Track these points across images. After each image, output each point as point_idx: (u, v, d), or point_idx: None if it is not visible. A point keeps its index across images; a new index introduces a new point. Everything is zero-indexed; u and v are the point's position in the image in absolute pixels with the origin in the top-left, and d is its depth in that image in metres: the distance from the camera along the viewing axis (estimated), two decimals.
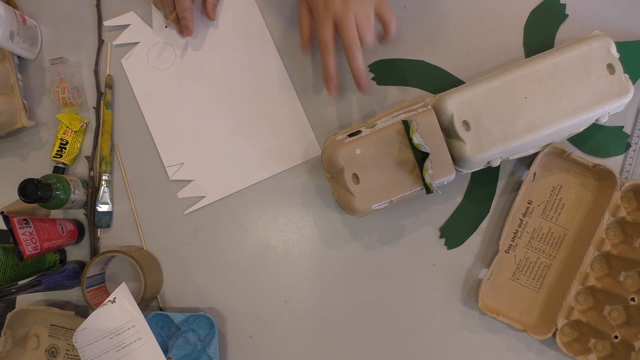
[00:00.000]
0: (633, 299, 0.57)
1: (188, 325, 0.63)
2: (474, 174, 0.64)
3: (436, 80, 0.65)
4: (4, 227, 0.56)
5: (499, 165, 0.60)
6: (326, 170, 0.60)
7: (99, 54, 0.67)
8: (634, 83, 0.58)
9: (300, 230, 0.65)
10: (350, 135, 0.57)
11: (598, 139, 0.63)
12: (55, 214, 0.66)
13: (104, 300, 0.58)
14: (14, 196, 0.57)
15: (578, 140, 0.63)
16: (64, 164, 0.66)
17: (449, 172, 0.56)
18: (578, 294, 0.61)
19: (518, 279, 0.63)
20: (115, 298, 0.58)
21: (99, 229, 0.66)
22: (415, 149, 0.55)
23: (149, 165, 0.66)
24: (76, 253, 0.67)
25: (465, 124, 0.56)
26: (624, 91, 0.56)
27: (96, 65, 0.67)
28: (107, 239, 0.66)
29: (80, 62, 0.68)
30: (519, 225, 0.63)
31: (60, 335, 0.64)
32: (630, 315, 0.60)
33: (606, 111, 0.57)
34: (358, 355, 0.64)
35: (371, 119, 0.60)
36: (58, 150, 0.65)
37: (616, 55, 0.57)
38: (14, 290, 0.55)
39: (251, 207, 0.66)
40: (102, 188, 0.65)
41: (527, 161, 0.63)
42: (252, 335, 0.65)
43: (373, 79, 0.65)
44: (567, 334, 0.62)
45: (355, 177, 0.56)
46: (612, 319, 0.61)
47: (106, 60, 0.67)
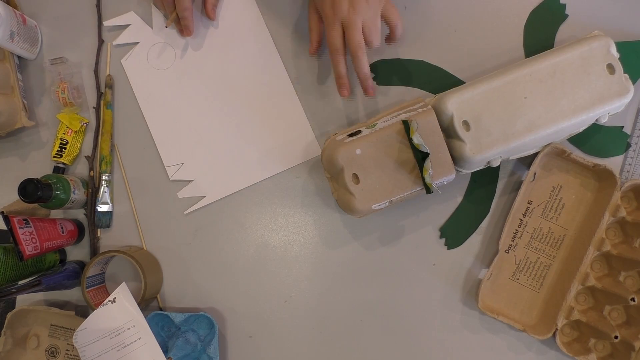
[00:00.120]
0: (633, 299, 0.57)
1: (188, 325, 0.63)
2: (474, 174, 0.64)
3: (436, 80, 0.65)
4: (4, 227, 0.56)
5: (499, 165, 0.60)
6: (326, 170, 0.60)
7: (99, 54, 0.67)
8: (634, 83, 0.58)
9: (300, 230, 0.65)
10: (350, 135, 0.57)
11: (598, 139, 0.63)
12: (55, 214, 0.66)
13: (104, 300, 0.58)
14: (14, 196, 0.57)
15: (578, 140, 0.63)
16: (64, 164, 0.66)
17: (449, 172, 0.56)
18: (578, 294, 0.61)
19: (518, 279, 0.63)
20: (115, 298, 0.58)
21: (99, 229, 0.66)
22: (415, 149, 0.55)
23: (149, 165, 0.66)
24: (76, 253, 0.67)
25: (465, 124, 0.56)
26: (624, 91, 0.56)
27: (96, 65, 0.67)
28: (107, 239, 0.66)
29: (80, 62, 0.68)
30: (519, 225, 0.63)
31: (60, 335, 0.64)
32: (630, 315, 0.60)
33: (606, 111, 0.57)
34: (358, 355, 0.64)
35: (371, 119, 0.60)
36: (58, 150, 0.65)
37: (616, 55, 0.56)
38: (14, 290, 0.55)
39: (251, 207, 0.66)
40: (102, 188, 0.65)
41: (527, 161, 0.63)
42: (252, 335, 0.65)
43: (373, 78, 0.65)
44: (567, 334, 0.62)
45: (355, 177, 0.56)
46: (612, 319, 0.61)
47: (106, 60, 0.67)
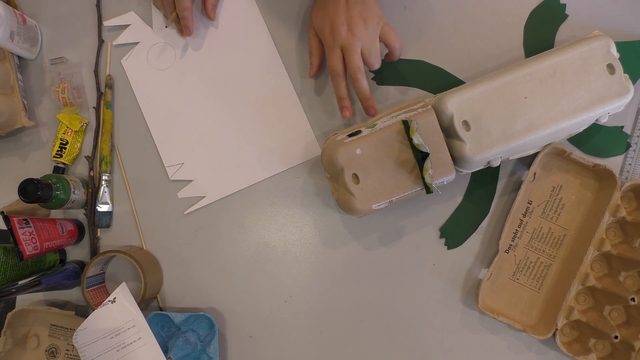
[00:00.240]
0: (633, 299, 0.57)
1: (188, 325, 0.63)
2: (474, 174, 0.64)
3: (436, 80, 0.65)
4: (4, 227, 0.56)
5: (499, 165, 0.60)
6: (326, 170, 0.60)
7: (99, 54, 0.67)
8: (634, 83, 0.58)
9: (300, 230, 0.65)
10: (350, 135, 0.57)
11: (598, 139, 0.63)
12: (55, 214, 0.66)
13: (104, 300, 0.58)
14: (14, 196, 0.57)
15: (578, 140, 0.63)
16: (64, 164, 0.66)
17: (449, 172, 0.56)
18: (578, 294, 0.61)
19: (518, 279, 0.63)
20: (115, 298, 0.58)
21: (99, 229, 0.66)
22: (415, 149, 0.55)
23: (149, 165, 0.66)
24: (76, 253, 0.67)
25: (465, 124, 0.56)
26: (624, 91, 0.56)
27: (96, 65, 0.67)
28: (107, 239, 0.66)
29: (80, 62, 0.68)
30: (519, 225, 0.63)
31: (60, 335, 0.64)
32: (630, 315, 0.60)
33: (606, 111, 0.57)
34: (358, 355, 0.64)
35: (371, 119, 0.60)
36: (58, 150, 0.65)
37: (616, 55, 0.56)
38: (14, 290, 0.55)
39: (251, 207, 0.66)
40: (102, 188, 0.65)
41: (527, 161, 0.63)
42: (252, 335, 0.65)
43: (373, 79, 0.65)
44: (567, 334, 0.62)
45: (355, 177, 0.56)
46: (612, 319, 0.61)
47: (106, 60, 0.67)
